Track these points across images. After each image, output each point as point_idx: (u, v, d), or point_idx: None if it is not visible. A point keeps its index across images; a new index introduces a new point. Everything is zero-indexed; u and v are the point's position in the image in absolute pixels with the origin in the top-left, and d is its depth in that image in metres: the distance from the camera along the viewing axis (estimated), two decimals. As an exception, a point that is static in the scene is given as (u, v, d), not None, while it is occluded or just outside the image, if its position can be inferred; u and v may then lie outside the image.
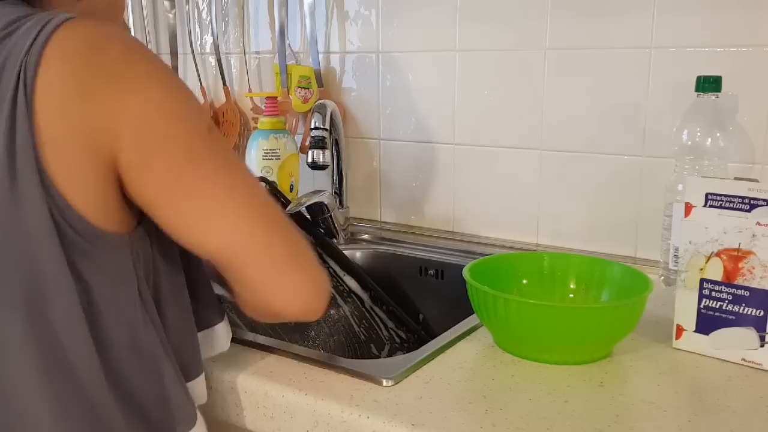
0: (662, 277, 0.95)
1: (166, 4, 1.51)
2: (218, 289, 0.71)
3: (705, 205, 0.72)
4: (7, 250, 0.52)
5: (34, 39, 0.51)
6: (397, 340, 1.02)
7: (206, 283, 0.69)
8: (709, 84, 0.89)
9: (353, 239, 1.26)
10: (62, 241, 0.52)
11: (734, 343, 0.71)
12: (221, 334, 0.71)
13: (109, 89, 0.52)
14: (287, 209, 1.03)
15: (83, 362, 0.54)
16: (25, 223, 0.51)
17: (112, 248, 0.55)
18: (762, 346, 0.70)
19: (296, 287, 0.61)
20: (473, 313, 0.78)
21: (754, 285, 0.70)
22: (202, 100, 1.50)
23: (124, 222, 0.56)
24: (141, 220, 0.59)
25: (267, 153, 1.20)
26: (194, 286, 0.67)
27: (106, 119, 0.52)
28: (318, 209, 1.18)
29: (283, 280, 0.60)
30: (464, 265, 0.79)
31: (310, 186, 1.29)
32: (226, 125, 1.47)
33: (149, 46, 1.56)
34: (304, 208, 1.11)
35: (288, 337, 0.95)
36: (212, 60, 1.48)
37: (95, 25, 0.54)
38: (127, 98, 0.53)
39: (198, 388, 0.67)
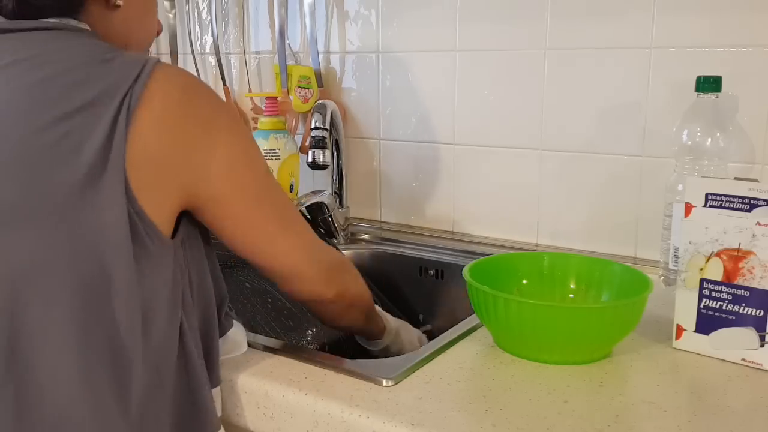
0: (662, 277, 0.95)
1: (166, 4, 1.51)
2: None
3: (705, 205, 0.72)
4: (82, 239, 0.56)
5: (140, 72, 0.59)
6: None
7: (225, 289, 0.73)
8: (709, 84, 0.89)
9: (353, 239, 1.26)
10: (135, 242, 0.58)
11: (734, 343, 0.71)
12: (238, 336, 0.74)
13: (204, 135, 0.62)
14: None
15: (129, 358, 0.58)
16: (103, 219, 0.56)
17: (166, 251, 0.61)
18: (762, 346, 0.70)
19: (330, 294, 0.76)
20: (473, 313, 0.78)
21: (754, 285, 0.70)
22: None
23: (171, 230, 0.63)
24: (176, 231, 0.64)
25: (267, 153, 1.20)
26: (218, 297, 0.71)
27: (196, 161, 0.62)
28: (318, 209, 1.18)
29: (329, 287, 0.76)
30: (464, 265, 0.79)
31: (310, 186, 1.29)
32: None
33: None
34: (304, 208, 1.12)
35: (288, 337, 0.95)
36: (212, 60, 1.48)
37: (187, 75, 0.64)
38: (215, 149, 0.63)
39: (215, 398, 0.68)
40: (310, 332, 0.98)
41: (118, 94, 0.58)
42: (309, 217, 1.14)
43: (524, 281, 0.85)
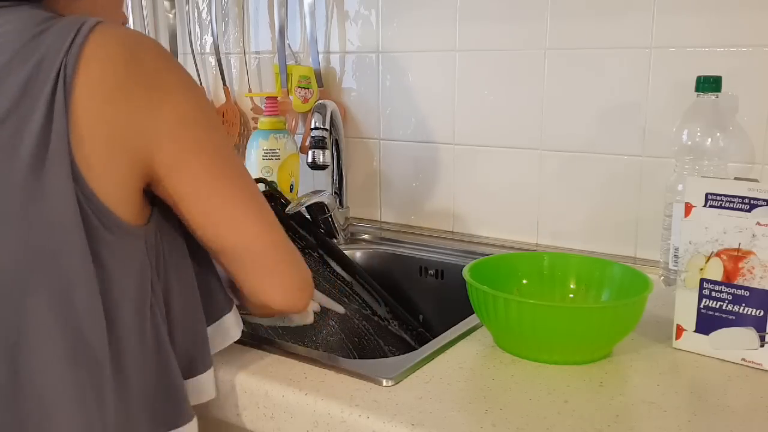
0: (662, 277, 0.95)
1: (166, 4, 1.51)
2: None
3: (705, 205, 0.72)
4: (32, 238, 0.53)
5: (72, 39, 0.54)
6: (398, 339, 1.02)
7: (215, 274, 0.70)
8: (709, 84, 0.89)
9: (353, 239, 1.26)
10: (87, 230, 0.54)
11: (734, 343, 0.71)
12: (231, 324, 0.71)
13: (147, 95, 0.57)
14: (287, 209, 1.03)
15: (99, 349, 0.56)
16: (51, 213, 0.53)
17: (131, 239, 0.58)
18: (762, 346, 0.70)
19: (289, 284, 0.68)
20: (473, 313, 0.78)
21: (754, 285, 0.70)
22: (202, 100, 1.50)
23: (141, 215, 0.60)
24: (151, 214, 0.61)
25: (267, 153, 1.20)
26: (203, 279, 0.68)
27: (144, 122, 0.56)
28: (318, 209, 1.18)
29: (281, 277, 0.68)
30: (464, 265, 0.79)
31: (310, 186, 1.29)
32: (226, 125, 1.47)
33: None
34: (304, 208, 1.11)
35: (288, 337, 0.95)
36: (212, 60, 1.48)
37: (127, 31, 0.58)
38: (163, 105, 0.58)
39: (206, 382, 0.67)
40: (310, 332, 0.98)
41: (53, 66, 0.53)
42: (309, 217, 1.14)
43: (524, 281, 0.85)
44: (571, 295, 0.84)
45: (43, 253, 0.53)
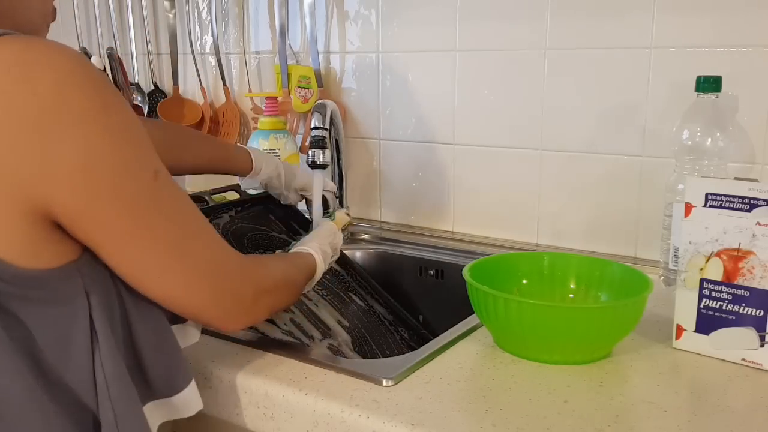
0: (662, 277, 0.95)
1: (166, 4, 1.51)
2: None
3: (705, 205, 0.72)
4: None
5: None
6: (398, 339, 1.02)
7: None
8: (709, 84, 0.89)
9: (353, 239, 1.26)
10: None
11: (734, 343, 0.71)
12: (192, 327, 0.68)
13: (35, 136, 0.46)
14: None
15: (27, 413, 0.51)
16: None
17: (48, 285, 0.51)
18: (762, 346, 0.70)
19: (252, 321, 0.69)
20: (473, 313, 0.78)
21: (754, 285, 0.70)
22: (202, 101, 1.50)
23: (64, 253, 0.52)
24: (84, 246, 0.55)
25: (267, 153, 1.20)
26: None
27: (34, 170, 0.47)
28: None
29: (239, 322, 0.65)
30: (464, 265, 0.79)
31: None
32: (226, 125, 1.47)
33: (149, 47, 1.56)
34: (304, 207, 1.11)
35: (288, 336, 0.95)
36: (212, 60, 1.48)
37: (25, 46, 0.47)
38: (59, 146, 0.47)
39: (188, 398, 0.63)
40: (310, 332, 0.98)
41: None
42: (309, 217, 1.13)
43: (524, 281, 0.85)
44: (571, 295, 0.84)
45: None
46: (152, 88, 1.57)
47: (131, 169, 0.52)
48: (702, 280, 0.73)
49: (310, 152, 1.10)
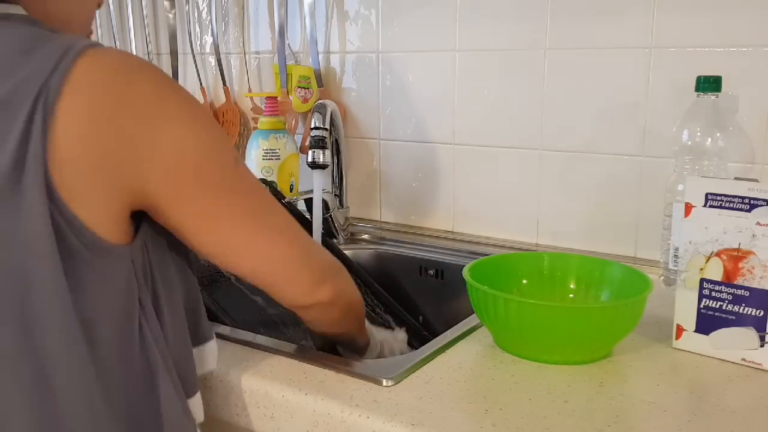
0: (662, 277, 0.95)
1: (166, 4, 1.51)
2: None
3: (705, 205, 0.72)
4: (3, 260, 0.52)
5: (57, 62, 0.52)
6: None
7: (200, 298, 0.68)
8: (709, 84, 0.89)
9: (353, 239, 1.26)
10: (64, 252, 0.52)
11: (734, 343, 0.71)
12: (211, 352, 0.69)
13: (141, 125, 0.54)
14: (285, 200, 1.04)
15: (74, 384, 0.54)
16: (25, 234, 0.51)
17: (116, 259, 0.56)
18: (762, 346, 0.70)
19: (306, 286, 0.68)
20: (473, 313, 0.78)
21: (754, 285, 0.70)
22: (202, 100, 1.50)
23: (125, 234, 0.57)
24: (137, 231, 0.59)
25: (267, 153, 1.20)
26: (189, 301, 0.66)
27: (137, 153, 0.54)
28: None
29: (297, 285, 0.67)
30: (464, 265, 0.79)
31: (310, 186, 1.29)
32: (226, 125, 1.47)
33: (149, 47, 1.56)
34: (304, 208, 1.12)
35: (288, 336, 0.95)
36: (212, 60, 1.48)
37: (124, 55, 0.56)
38: (158, 134, 0.55)
39: (195, 405, 0.65)
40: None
41: (32, 89, 0.51)
42: (309, 217, 1.14)
43: (524, 281, 0.85)
44: (571, 295, 0.84)
45: (14, 276, 0.52)
46: (152, 88, 1.57)
47: (216, 156, 0.59)
48: (702, 280, 0.73)
49: (310, 152, 1.10)
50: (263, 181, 1.12)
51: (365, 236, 1.27)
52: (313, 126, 1.11)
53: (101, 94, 0.53)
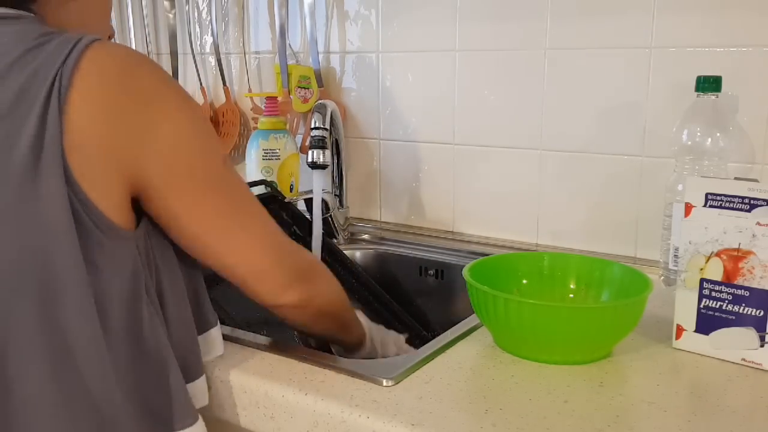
0: (662, 277, 0.95)
1: (166, 4, 1.51)
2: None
3: (705, 205, 0.72)
4: (24, 238, 0.54)
5: (70, 51, 0.56)
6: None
7: (203, 286, 0.71)
8: (709, 84, 0.89)
9: (353, 239, 1.26)
10: (79, 232, 0.55)
11: (734, 343, 0.71)
12: (216, 338, 0.72)
13: (142, 113, 0.58)
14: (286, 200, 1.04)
15: (91, 353, 0.57)
16: (44, 214, 0.54)
17: (123, 242, 0.59)
18: (762, 346, 0.70)
19: (292, 301, 0.71)
20: (473, 313, 0.78)
21: (754, 285, 0.70)
22: (202, 101, 1.50)
23: (131, 220, 0.60)
24: (140, 219, 0.61)
25: (267, 153, 1.20)
26: (192, 289, 0.69)
27: (136, 139, 0.58)
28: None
29: (269, 281, 0.69)
30: (464, 265, 0.79)
31: (310, 186, 1.29)
32: (226, 125, 1.47)
33: (149, 47, 1.57)
34: (304, 207, 1.11)
35: (288, 336, 0.95)
36: (212, 60, 1.48)
37: (127, 49, 0.60)
38: (157, 127, 0.58)
39: (198, 389, 0.68)
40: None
41: (48, 76, 0.55)
42: (309, 217, 1.14)
43: (524, 281, 0.85)
44: (571, 295, 0.84)
45: (35, 253, 0.54)
46: (152, 88, 1.57)
47: (206, 154, 0.62)
48: (702, 280, 0.73)
49: (310, 152, 1.10)
50: (263, 181, 1.12)
51: (365, 236, 1.27)
52: (313, 126, 1.11)
53: (108, 82, 0.56)
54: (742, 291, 0.71)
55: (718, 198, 0.71)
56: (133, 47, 1.57)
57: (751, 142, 0.96)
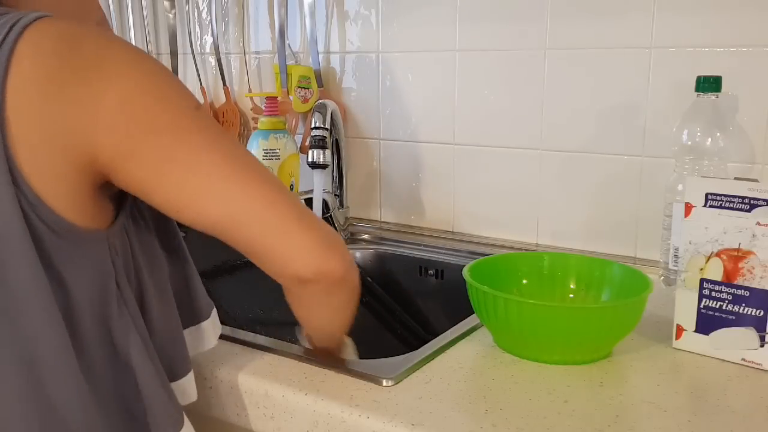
0: (662, 277, 0.95)
1: (166, 4, 1.51)
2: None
3: (705, 205, 0.72)
4: None
5: (5, 37, 0.50)
6: (398, 339, 1.02)
7: (196, 275, 0.68)
8: (709, 84, 0.89)
9: (353, 239, 1.26)
10: (35, 239, 0.50)
11: (734, 343, 0.71)
12: (208, 330, 0.69)
13: (83, 87, 0.51)
14: None
15: (60, 361, 0.53)
16: None
17: (87, 243, 0.54)
18: (762, 346, 0.70)
19: (308, 245, 0.57)
20: (473, 313, 0.78)
21: (754, 285, 0.70)
22: (202, 101, 1.50)
23: (100, 217, 0.55)
24: (117, 215, 0.58)
25: (267, 153, 1.20)
26: (182, 280, 0.66)
27: (82, 118, 0.51)
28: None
29: (294, 240, 0.57)
30: (464, 265, 0.79)
31: (310, 186, 1.29)
32: (226, 125, 1.47)
33: (149, 47, 1.56)
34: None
35: (288, 336, 0.95)
36: (212, 60, 1.48)
37: (70, 23, 0.53)
38: (102, 94, 0.52)
39: (187, 386, 0.65)
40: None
41: None
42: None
43: (524, 281, 0.85)
44: (571, 295, 0.84)
45: None
46: (152, 88, 1.57)
47: (168, 101, 0.54)
48: (702, 280, 0.73)
49: (310, 152, 1.11)
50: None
51: (365, 236, 1.27)
52: (313, 126, 1.11)
53: (42, 62, 0.50)
54: (742, 291, 0.71)
55: (718, 198, 0.71)
56: (133, 47, 1.57)
57: (751, 142, 0.96)
